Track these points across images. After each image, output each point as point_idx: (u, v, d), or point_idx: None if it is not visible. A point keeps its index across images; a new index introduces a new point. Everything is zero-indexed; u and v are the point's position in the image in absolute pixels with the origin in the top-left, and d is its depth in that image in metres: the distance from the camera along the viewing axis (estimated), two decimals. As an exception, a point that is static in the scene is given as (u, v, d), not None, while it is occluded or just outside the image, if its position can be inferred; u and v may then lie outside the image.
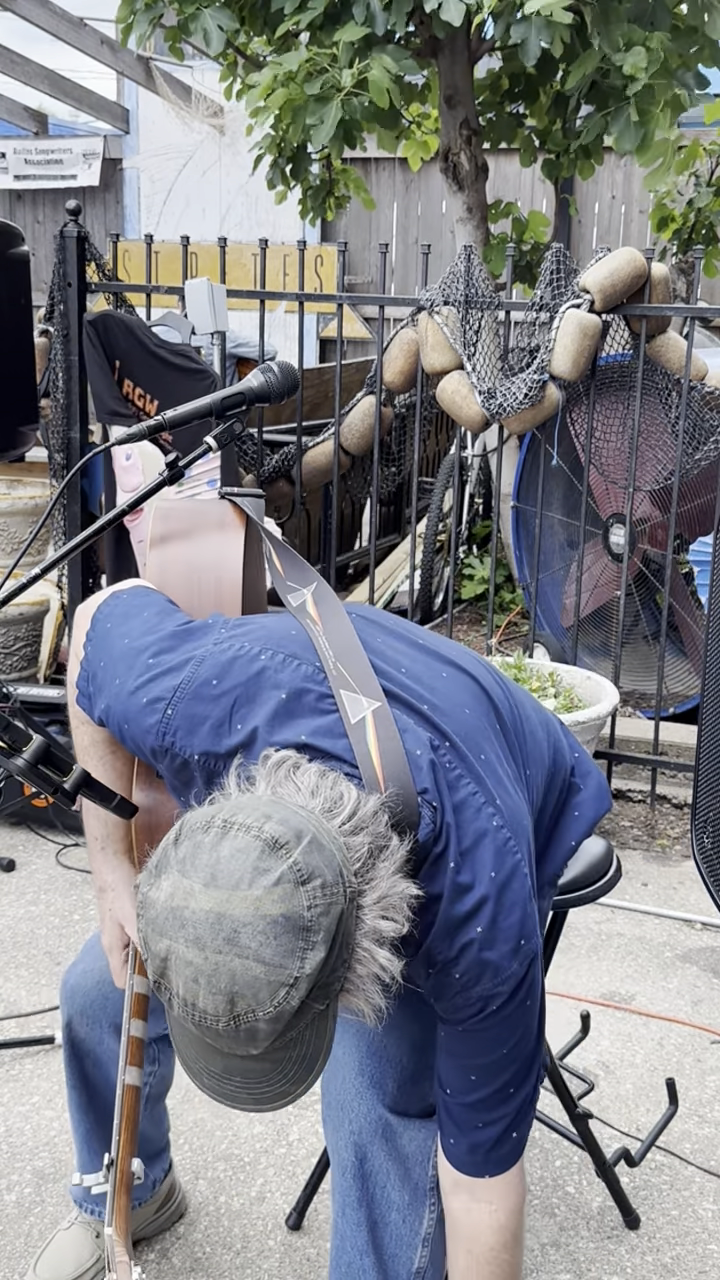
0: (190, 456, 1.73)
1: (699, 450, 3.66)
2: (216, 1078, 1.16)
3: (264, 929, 1.09)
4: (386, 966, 1.17)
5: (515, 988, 1.32)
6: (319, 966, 1.10)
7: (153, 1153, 1.96)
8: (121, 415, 3.77)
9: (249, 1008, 1.09)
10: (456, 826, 1.31)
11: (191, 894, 1.11)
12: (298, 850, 1.12)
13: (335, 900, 1.13)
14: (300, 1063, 1.15)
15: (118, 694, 1.43)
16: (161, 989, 1.14)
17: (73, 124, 10.69)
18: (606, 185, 8.23)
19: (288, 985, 1.09)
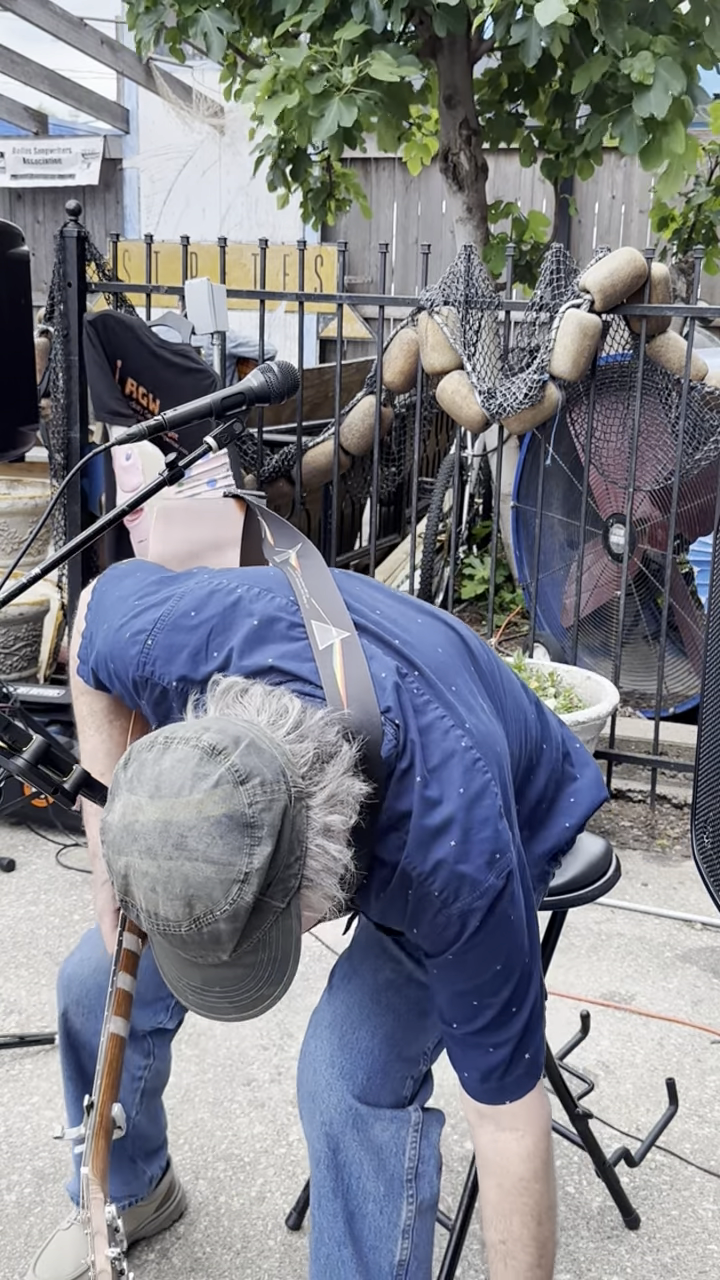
0: (190, 456, 1.73)
1: (699, 450, 3.66)
2: (198, 991, 1.20)
3: (208, 830, 1.13)
4: (339, 858, 1.20)
5: (494, 900, 1.33)
6: (268, 861, 1.13)
7: (150, 1150, 1.96)
8: (122, 415, 3.77)
9: (206, 909, 1.12)
10: (423, 746, 1.34)
11: (139, 808, 1.16)
12: (235, 753, 1.16)
13: (276, 797, 1.16)
14: (272, 964, 1.18)
15: (105, 635, 1.51)
16: (129, 907, 1.18)
17: (73, 124, 10.69)
18: (606, 185, 8.23)
19: (239, 881, 1.12)
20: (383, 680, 1.36)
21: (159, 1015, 1.79)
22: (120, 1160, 1.89)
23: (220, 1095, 2.42)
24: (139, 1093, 1.86)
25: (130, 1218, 1.99)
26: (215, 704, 1.27)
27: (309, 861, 1.19)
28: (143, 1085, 1.86)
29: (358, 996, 1.57)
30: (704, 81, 4.06)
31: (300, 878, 1.19)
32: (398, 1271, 1.52)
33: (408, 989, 1.58)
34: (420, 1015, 1.54)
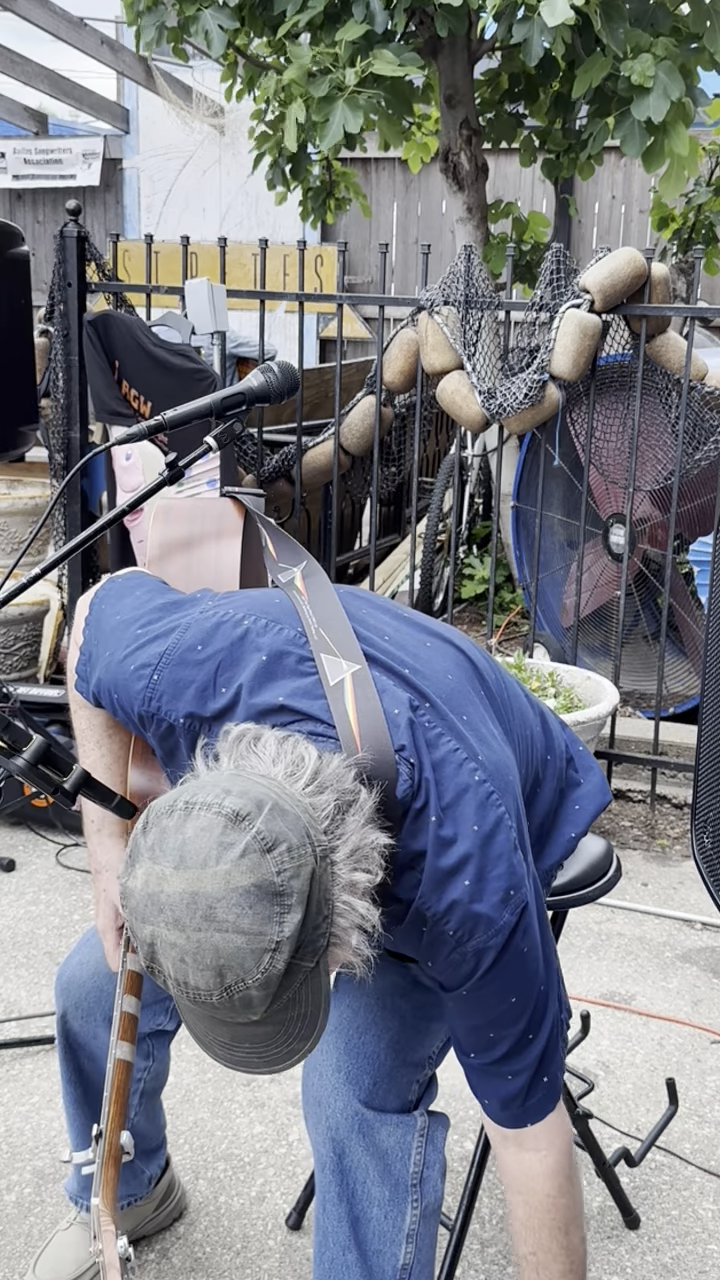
0: (190, 456, 1.73)
1: (699, 450, 3.66)
2: (226, 1047, 1.20)
3: (238, 900, 1.11)
4: (366, 916, 1.19)
5: (508, 937, 1.32)
6: (298, 927, 1.13)
7: (149, 1149, 1.96)
8: (121, 415, 3.77)
9: (238, 978, 1.11)
10: (436, 783, 1.32)
11: (164, 878, 1.14)
12: (259, 819, 1.14)
13: (304, 862, 1.15)
14: (302, 1020, 1.18)
15: (108, 664, 1.47)
16: (155, 973, 1.17)
17: (73, 124, 10.69)
18: (606, 185, 8.23)
19: (270, 950, 1.12)
20: (395, 717, 1.34)
21: (159, 1017, 1.79)
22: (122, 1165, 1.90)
23: (220, 1095, 2.42)
24: (138, 1094, 1.86)
25: (129, 1217, 1.99)
26: (228, 754, 1.25)
27: (336, 919, 1.18)
28: (142, 1086, 1.86)
29: (363, 1001, 1.57)
30: (704, 81, 4.06)
31: (329, 936, 1.18)
32: (401, 1275, 1.52)
33: (413, 993, 1.58)
34: (426, 1019, 1.54)
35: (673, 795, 3.85)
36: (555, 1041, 1.42)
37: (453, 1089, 2.45)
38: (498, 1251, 2.06)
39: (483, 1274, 2.01)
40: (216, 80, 4.84)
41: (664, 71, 3.60)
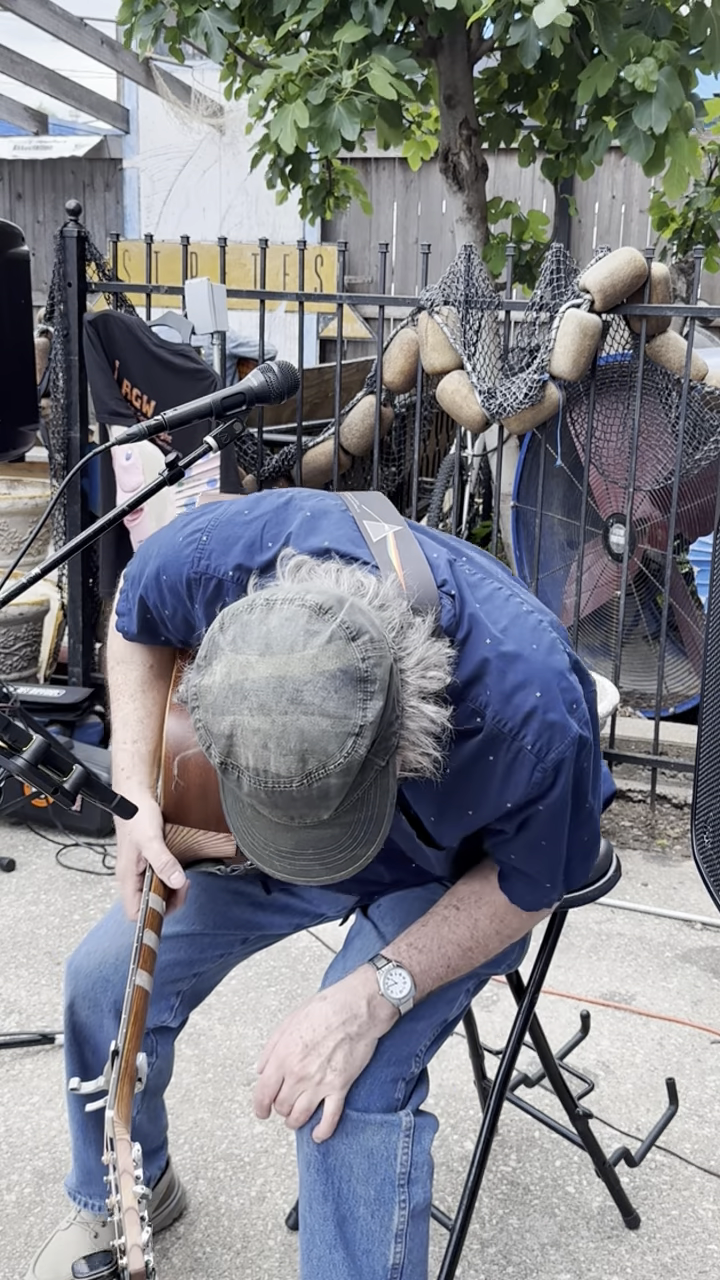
0: (190, 456, 1.73)
1: (699, 450, 3.66)
2: (287, 856, 1.22)
3: (324, 684, 1.15)
4: (435, 719, 1.23)
5: (579, 750, 1.38)
6: (380, 715, 1.16)
7: (149, 1150, 1.95)
8: (121, 415, 3.77)
9: (320, 763, 1.14)
10: (486, 614, 1.38)
11: (248, 666, 1.16)
12: (342, 611, 1.18)
13: (384, 654, 1.19)
14: (368, 824, 1.21)
15: (158, 553, 1.54)
16: (229, 770, 1.18)
17: (73, 124, 10.70)
18: (606, 185, 8.23)
19: (354, 734, 1.15)
20: (436, 560, 1.40)
21: (163, 1014, 1.79)
22: None
23: (220, 1095, 2.42)
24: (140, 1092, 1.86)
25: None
26: (288, 578, 1.28)
27: (407, 723, 1.22)
28: (142, 1086, 1.85)
29: None
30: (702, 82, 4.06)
31: (400, 737, 1.21)
32: (392, 1275, 1.51)
33: None
34: (411, 1019, 1.54)
35: (673, 795, 3.85)
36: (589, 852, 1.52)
37: (453, 1089, 2.45)
38: (497, 1251, 2.06)
39: (483, 1274, 2.01)
40: (216, 80, 4.84)
41: (665, 78, 3.60)
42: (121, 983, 1.71)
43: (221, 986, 2.74)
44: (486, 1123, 1.81)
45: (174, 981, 1.76)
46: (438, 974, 1.52)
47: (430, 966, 1.51)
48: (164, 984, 1.74)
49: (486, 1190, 2.19)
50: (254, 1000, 2.74)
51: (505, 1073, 1.82)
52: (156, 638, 1.65)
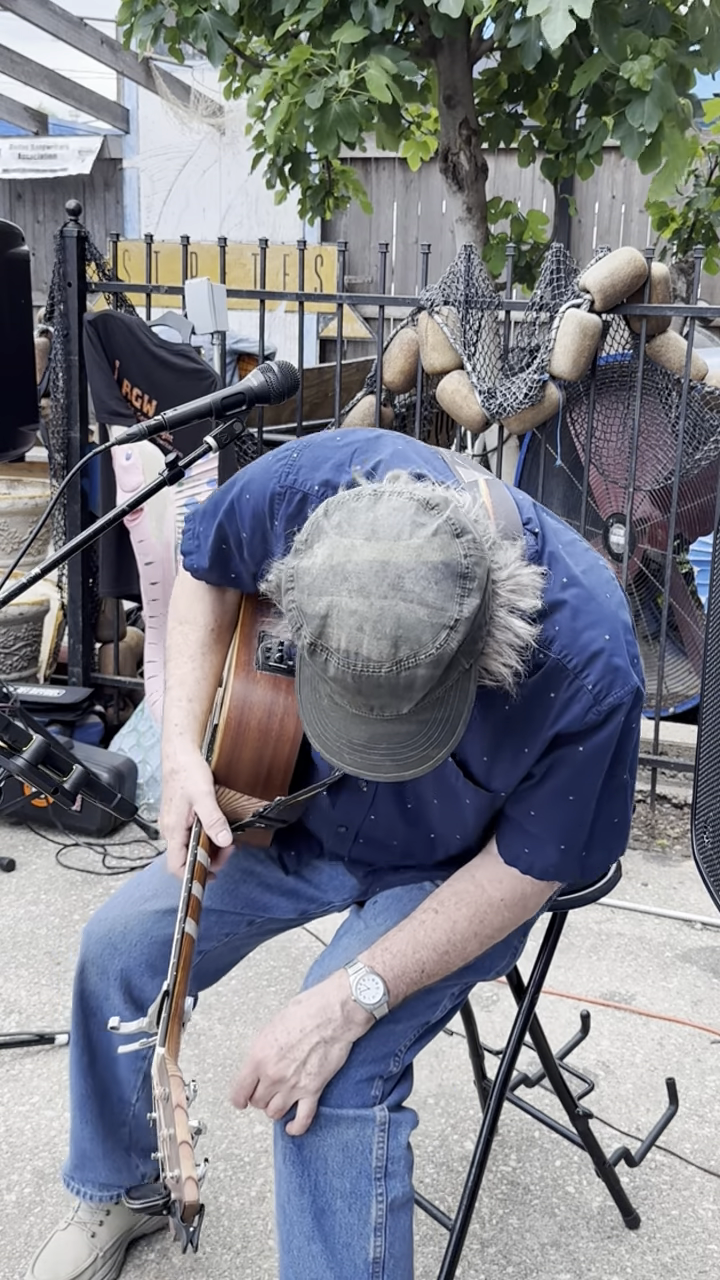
0: (190, 456, 1.73)
1: (699, 450, 3.66)
2: (359, 750, 1.24)
3: (426, 574, 1.17)
4: (520, 634, 1.26)
5: (634, 701, 1.40)
6: (475, 613, 1.19)
7: (147, 1149, 1.92)
8: (121, 415, 3.77)
9: (411, 651, 1.16)
10: (568, 554, 1.43)
11: (353, 549, 1.18)
12: (448, 509, 1.21)
13: (483, 556, 1.22)
14: (443, 725, 1.23)
15: (245, 476, 1.58)
16: (317, 652, 1.20)
17: (73, 124, 10.70)
18: (606, 185, 8.23)
19: (448, 627, 1.17)
20: (522, 501, 1.45)
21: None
22: (114, 1146, 1.88)
23: (220, 1095, 2.42)
24: (140, 1073, 1.84)
25: (125, 1215, 1.98)
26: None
27: (495, 632, 1.24)
28: (145, 1067, 1.84)
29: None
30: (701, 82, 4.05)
31: (486, 644, 1.24)
32: (373, 1269, 1.50)
33: None
34: (391, 1020, 1.54)
35: (673, 795, 3.85)
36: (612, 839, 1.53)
37: (453, 1089, 2.45)
38: (497, 1251, 2.06)
39: (483, 1274, 2.01)
40: (216, 80, 4.84)
41: (660, 77, 3.60)
42: (130, 951, 1.73)
43: (221, 986, 2.74)
44: (486, 1123, 1.81)
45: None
46: (412, 979, 1.52)
47: (404, 971, 1.52)
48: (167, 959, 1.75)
49: (486, 1190, 2.19)
50: (254, 1000, 2.73)
51: (505, 1073, 1.82)
52: (227, 573, 1.66)
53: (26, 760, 1.50)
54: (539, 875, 1.53)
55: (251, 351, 6.04)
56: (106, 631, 4.21)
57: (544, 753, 1.44)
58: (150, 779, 3.71)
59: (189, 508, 3.59)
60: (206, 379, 3.63)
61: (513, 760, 1.45)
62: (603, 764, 1.44)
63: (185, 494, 3.59)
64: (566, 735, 1.41)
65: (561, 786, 1.45)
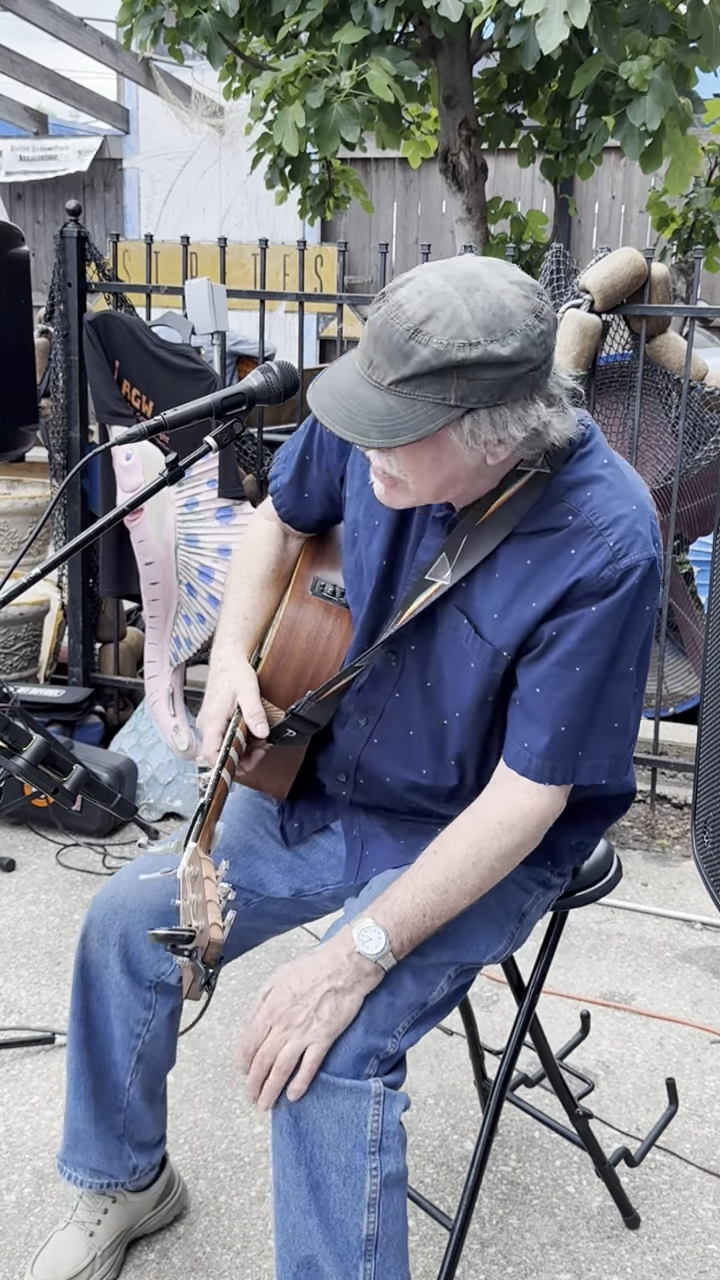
0: (190, 456, 1.73)
1: (699, 450, 3.66)
2: (335, 396, 1.41)
3: (491, 303, 1.36)
4: (541, 417, 1.42)
5: (649, 571, 1.49)
6: (496, 356, 1.35)
7: (141, 1141, 1.92)
8: (122, 415, 3.76)
9: (431, 330, 1.34)
10: (611, 455, 1.56)
11: (457, 264, 1.41)
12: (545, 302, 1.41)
13: (548, 333, 1.39)
14: (396, 424, 1.37)
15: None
16: (382, 300, 1.39)
17: (73, 124, 10.70)
18: (606, 185, 8.23)
19: (469, 343, 1.34)
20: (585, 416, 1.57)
21: (162, 964, 1.79)
22: (106, 1130, 1.88)
23: (220, 1095, 2.42)
24: (134, 1053, 1.84)
25: (123, 1213, 1.98)
26: None
27: (514, 406, 1.39)
28: (139, 1047, 1.84)
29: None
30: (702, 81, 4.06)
31: (495, 403, 1.38)
32: (366, 1246, 1.51)
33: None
34: (389, 992, 1.55)
35: (673, 795, 3.85)
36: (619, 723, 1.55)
37: (453, 1089, 2.45)
38: (497, 1251, 2.06)
39: (483, 1274, 2.01)
40: (216, 80, 4.84)
41: (660, 75, 3.60)
42: (130, 916, 1.76)
43: (221, 986, 2.75)
44: (487, 1123, 1.81)
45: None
46: (414, 923, 1.54)
47: (405, 918, 1.54)
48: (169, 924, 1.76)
49: (486, 1190, 2.19)
50: (254, 1000, 2.73)
51: (506, 1073, 1.82)
52: (300, 492, 1.80)
53: (27, 760, 1.50)
54: (535, 774, 1.55)
55: (250, 354, 6.04)
56: (106, 631, 4.21)
57: (555, 609, 1.50)
58: (150, 779, 3.71)
59: (189, 508, 3.59)
60: (206, 379, 3.63)
61: (520, 613, 1.52)
62: (611, 636, 1.49)
63: (185, 494, 3.59)
64: (580, 593, 1.48)
65: (567, 656, 1.50)
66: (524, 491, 1.51)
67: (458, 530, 1.55)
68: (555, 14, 3.33)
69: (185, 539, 3.60)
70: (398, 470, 1.47)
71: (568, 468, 1.52)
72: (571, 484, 1.51)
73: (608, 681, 1.52)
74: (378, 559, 1.65)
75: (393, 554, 1.65)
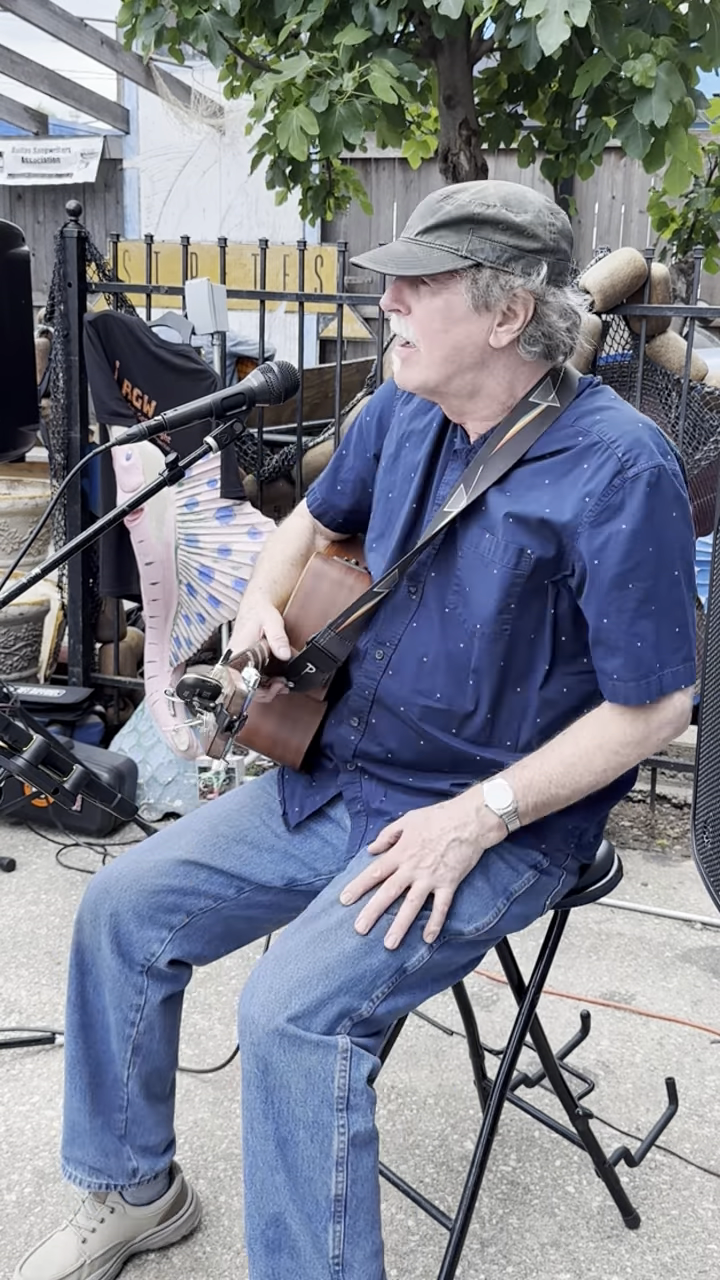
0: (190, 457, 1.73)
1: (699, 450, 3.66)
2: (374, 253, 1.62)
3: (523, 193, 1.59)
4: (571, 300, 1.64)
5: (659, 479, 1.57)
6: (508, 223, 1.56)
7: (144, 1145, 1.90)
8: (122, 415, 3.77)
9: (461, 197, 1.57)
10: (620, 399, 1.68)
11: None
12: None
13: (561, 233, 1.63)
14: (410, 262, 1.57)
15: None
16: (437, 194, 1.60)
17: (73, 124, 10.70)
18: (606, 185, 8.24)
19: (488, 205, 1.56)
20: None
21: (151, 945, 1.78)
22: (104, 1126, 1.87)
23: (220, 1095, 2.42)
24: (129, 1043, 1.83)
25: (122, 1224, 1.95)
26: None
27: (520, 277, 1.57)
28: (134, 1036, 1.82)
29: (304, 937, 1.60)
30: (703, 81, 4.05)
31: (502, 266, 1.57)
32: (335, 1207, 1.50)
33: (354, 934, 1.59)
34: (367, 952, 1.55)
35: (673, 795, 3.85)
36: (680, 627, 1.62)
37: (453, 1089, 2.45)
38: (497, 1251, 2.06)
39: (483, 1274, 2.01)
40: (216, 80, 4.84)
41: (664, 73, 3.60)
42: (121, 896, 1.78)
43: (221, 986, 2.75)
44: (487, 1123, 1.81)
45: (167, 911, 1.78)
46: (540, 788, 1.64)
47: (532, 781, 1.64)
48: (155, 910, 1.77)
49: (486, 1190, 2.19)
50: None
51: (506, 1073, 1.82)
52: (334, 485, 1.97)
53: (27, 760, 1.50)
54: (628, 698, 1.63)
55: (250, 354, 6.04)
56: (106, 631, 4.21)
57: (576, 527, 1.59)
58: (150, 779, 3.71)
59: (189, 508, 3.59)
60: (207, 379, 3.63)
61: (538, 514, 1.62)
62: (648, 545, 1.57)
63: (185, 494, 3.60)
64: (598, 507, 1.57)
65: (618, 578, 1.59)
66: (535, 423, 1.64)
67: (474, 463, 1.67)
68: (556, 14, 3.33)
69: (185, 539, 3.60)
70: (410, 332, 1.63)
71: (577, 402, 1.65)
72: (581, 413, 1.64)
73: (660, 589, 1.59)
74: (408, 504, 1.77)
75: (420, 498, 1.77)
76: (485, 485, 1.65)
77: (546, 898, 1.79)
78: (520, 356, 1.64)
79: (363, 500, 1.92)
